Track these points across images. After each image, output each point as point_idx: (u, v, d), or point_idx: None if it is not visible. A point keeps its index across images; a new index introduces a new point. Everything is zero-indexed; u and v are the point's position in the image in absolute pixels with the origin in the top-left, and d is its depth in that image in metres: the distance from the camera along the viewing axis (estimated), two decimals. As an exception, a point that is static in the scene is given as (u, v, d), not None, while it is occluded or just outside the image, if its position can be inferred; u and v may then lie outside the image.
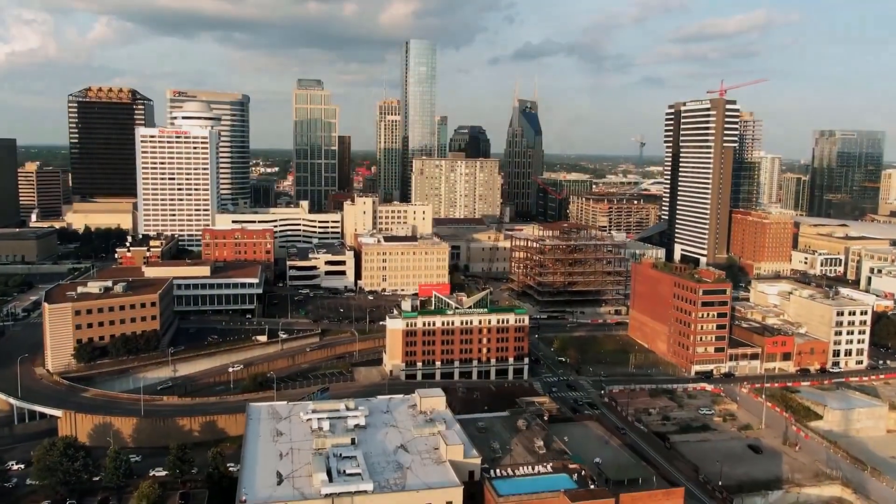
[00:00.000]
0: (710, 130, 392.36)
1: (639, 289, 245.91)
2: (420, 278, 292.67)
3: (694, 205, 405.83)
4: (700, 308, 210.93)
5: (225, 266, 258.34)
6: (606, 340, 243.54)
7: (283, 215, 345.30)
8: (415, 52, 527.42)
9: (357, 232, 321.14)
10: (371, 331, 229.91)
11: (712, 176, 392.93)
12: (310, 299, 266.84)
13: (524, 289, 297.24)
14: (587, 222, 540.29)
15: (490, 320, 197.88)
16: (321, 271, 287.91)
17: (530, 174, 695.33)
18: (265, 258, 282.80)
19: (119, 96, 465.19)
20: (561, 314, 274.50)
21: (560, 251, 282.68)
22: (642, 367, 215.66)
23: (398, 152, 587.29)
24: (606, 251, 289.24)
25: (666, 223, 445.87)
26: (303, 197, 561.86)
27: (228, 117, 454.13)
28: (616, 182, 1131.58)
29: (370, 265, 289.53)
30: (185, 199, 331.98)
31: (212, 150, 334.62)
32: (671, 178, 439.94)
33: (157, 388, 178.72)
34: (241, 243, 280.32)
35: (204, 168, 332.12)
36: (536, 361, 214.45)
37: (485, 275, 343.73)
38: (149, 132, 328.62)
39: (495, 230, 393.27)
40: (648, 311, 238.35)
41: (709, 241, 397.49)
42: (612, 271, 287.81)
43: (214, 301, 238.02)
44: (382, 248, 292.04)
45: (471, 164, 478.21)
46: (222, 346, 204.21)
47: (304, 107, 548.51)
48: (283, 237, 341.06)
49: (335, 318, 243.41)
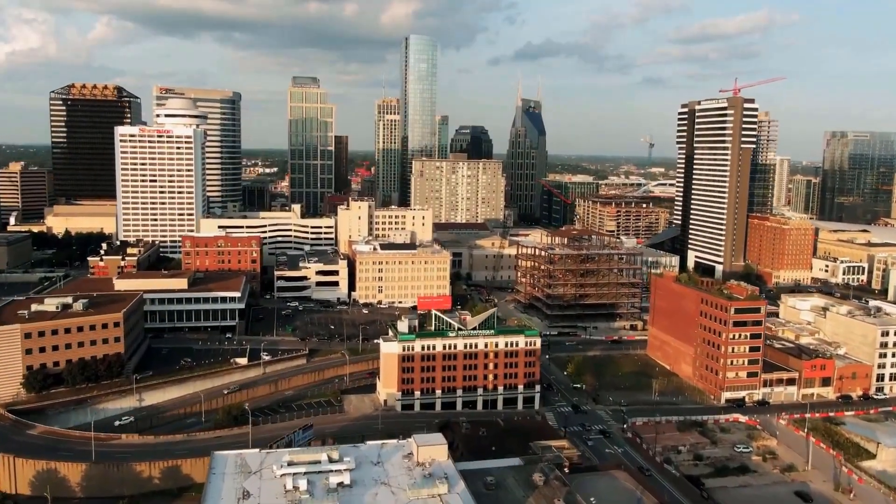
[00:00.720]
0: (726, 131, 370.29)
1: (659, 304, 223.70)
2: (419, 290, 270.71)
3: (709, 209, 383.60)
4: (731, 328, 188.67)
5: (205, 277, 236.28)
6: (624, 361, 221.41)
7: (274, 220, 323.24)
8: (415, 47, 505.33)
9: (351, 239, 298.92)
10: (364, 350, 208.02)
11: (729, 179, 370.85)
12: (298, 314, 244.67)
13: (531, 301, 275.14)
14: (594, 227, 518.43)
15: (497, 343, 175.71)
16: (312, 282, 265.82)
17: (534, 176, 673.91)
18: (251, 268, 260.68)
19: (104, 93, 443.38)
20: (572, 329, 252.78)
21: (570, 261, 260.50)
22: (666, 394, 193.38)
23: (397, 153, 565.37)
24: (621, 261, 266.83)
25: (678, 229, 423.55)
26: (298, 199, 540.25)
27: (218, 116, 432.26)
28: (618, 183, 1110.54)
29: (365, 275, 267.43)
30: (167, 202, 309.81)
31: (197, 150, 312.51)
32: (684, 180, 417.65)
33: (116, 424, 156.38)
34: (225, 252, 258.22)
35: (188, 169, 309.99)
36: (548, 387, 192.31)
37: (488, 284, 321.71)
38: (128, 131, 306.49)
39: (500, 236, 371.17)
40: (671, 330, 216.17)
41: (725, 247, 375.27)
42: (627, 283, 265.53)
43: (192, 317, 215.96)
44: (378, 257, 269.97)
45: (473, 166, 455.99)
46: (196, 370, 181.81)
47: (299, 105, 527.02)
48: (273, 244, 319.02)
49: (325, 336, 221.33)
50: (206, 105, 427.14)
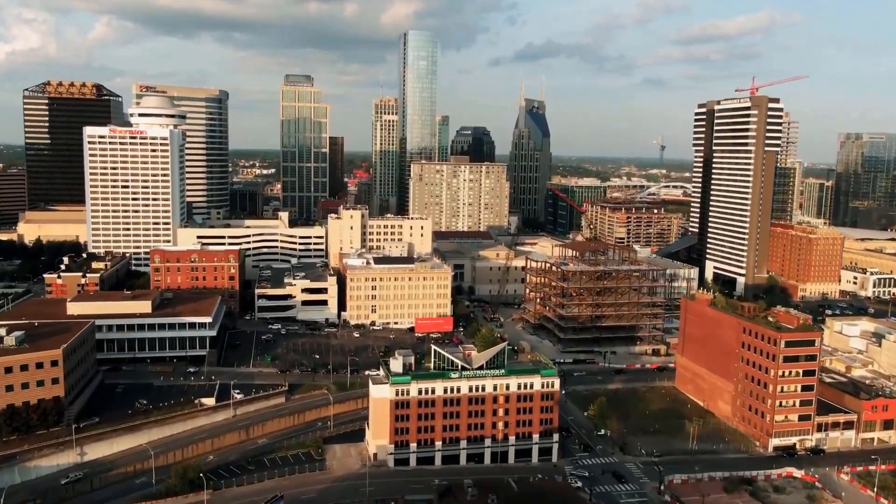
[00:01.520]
0: (749, 133, 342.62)
1: (691, 331, 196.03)
2: (417, 309, 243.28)
3: (730, 217, 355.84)
4: (781, 364, 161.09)
5: (174, 298, 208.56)
6: (651, 396, 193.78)
7: (258, 230, 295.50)
8: (414, 44, 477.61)
9: (343, 251, 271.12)
10: (353, 385, 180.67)
11: (752, 184, 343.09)
12: (280, 339, 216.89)
13: (541, 321, 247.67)
14: (603, 233, 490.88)
15: (508, 385, 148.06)
16: (297, 301, 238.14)
17: (538, 179, 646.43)
18: (229, 285, 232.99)
19: (83, 91, 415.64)
20: (588, 355, 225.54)
21: (586, 278, 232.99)
22: (704, 440, 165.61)
23: (395, 155, 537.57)
24: (642, 278, 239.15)
25: (695, 237, 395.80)
26: (290, 204, 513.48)
27: (204, 115, 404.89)
28: (621, 185, 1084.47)
29: (357, 293, 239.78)
30: (141, 210, 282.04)
31: (173, 152, 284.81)
32: (702, 185, 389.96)
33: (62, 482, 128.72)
34: (200, 267, 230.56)
35: (164, 174, 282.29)
36: (566, 432, 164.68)
37: (493, 299, 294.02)
38: (97, 132, 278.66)
39: (505, 246, 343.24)
40: (704, 361, 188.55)
41: (748, 258, 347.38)
42: (649, 302, 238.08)
43: (156, 346, 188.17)
44: (371, 273, 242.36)
45: (475, 170, 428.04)
46: (152, 415, 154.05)
47: (291, 105, 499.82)
48: (258, 256, 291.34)
49: (308, 368, 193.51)
50: (190, 104, 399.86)
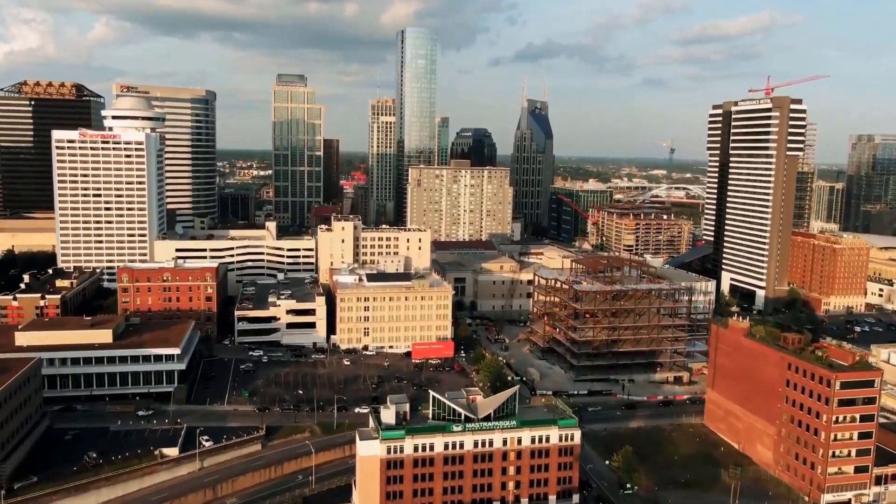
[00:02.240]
0: (770, 135, 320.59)
1: (723, 363, 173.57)
2: (414, 332, 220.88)
3: (749, 225, 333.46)
4: (836, 409, 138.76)
5: (141, 325, 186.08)
6: (678, 436, 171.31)
7: (243, 242, 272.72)
8: (412, 42, 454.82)
9: (333, 266, 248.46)
10: (340, 426, 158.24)
11: (773, 190, 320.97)
12: (261, 368, 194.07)
13: (551, 344, 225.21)
14: (610, 240, 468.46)
15: (521, 439, 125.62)
16: (282, 324, 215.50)
17: (541, 182, 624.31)
18: (205, 307, 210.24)
19: (61, 92, 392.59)
20: (604, 384, 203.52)
21: (601, 298, 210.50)
22: (744, 494, 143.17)
23: (393, 158, 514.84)
24: (662, 298, 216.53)
25: (710, 246, 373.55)
26: (282, 209, 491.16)
27: (189, 117, 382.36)
28: (622, 187, 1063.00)
29: (347, 315, 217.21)
30: (114, 221, 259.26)
31: (150, 157, 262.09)
32: (717, 191, 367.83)
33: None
34: (173, 287, 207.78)
35: (139, 181, 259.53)
36: (586, 486, 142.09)
37: (498, 316, 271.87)
38: (66, 135, 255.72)
39: (509, 257, 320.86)
40: (740, 398, 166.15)
41: (768, 269, 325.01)
42: (671, 325, 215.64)
43: (117, 381, 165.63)
44: (364, 292, 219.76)
45: (477, 174, 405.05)
46: (103, 471, 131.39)
47: (283, 106, 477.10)
48: (242, 270, 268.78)
49: (291, 405, 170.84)
50: (174, 105, 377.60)
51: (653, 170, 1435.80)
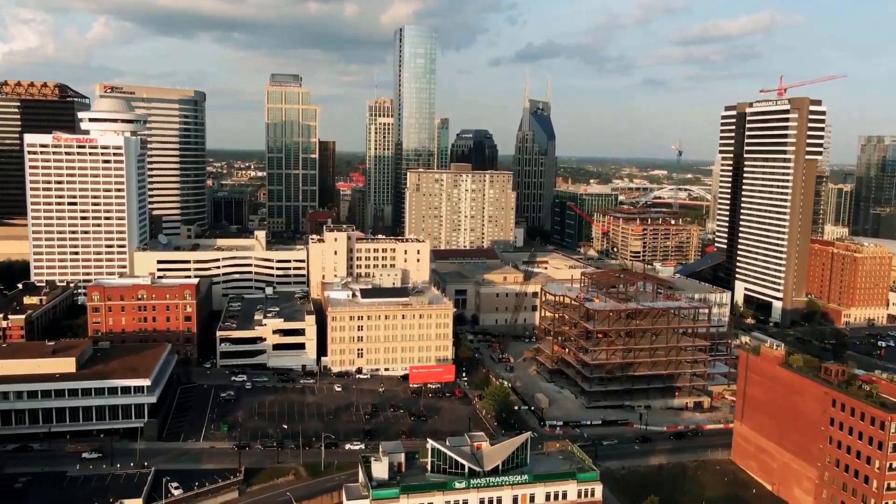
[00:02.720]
0: (788, 139, 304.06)
1: (754, 394, 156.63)
2: (412, 353, 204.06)
3: (765, 232, 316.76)
4: (890, 455, 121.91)
5: (110, 350, 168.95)
6: (705, 476, 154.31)
7: (230, 253, 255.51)
8: (410, 40, 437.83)
9: (325, 280, 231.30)
10: (329, 468, 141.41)
11: (791, 196, 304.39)
12: (244, 396, 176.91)
13: (560, 366, 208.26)
14: (616, 246, 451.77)
15: (534, 496, 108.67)
16: (268, 345, 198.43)
17: (543, 185, 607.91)
18: (184, 327, 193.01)
19: (43, 92, 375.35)
20: (619, 411, 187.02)
21: (615, 316, 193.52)
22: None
23: (391, 160, 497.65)
24: (682, 316, 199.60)
25: (723, 254, 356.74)
26: (276, 214, 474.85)
27: (177, 119, 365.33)
28: (623, 187, 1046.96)
29: (339, 335, 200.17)
30: (91, 231, 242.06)
31: (130, 163, 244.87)
32: (731, 196, 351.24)
33: None
34: (149, 305, 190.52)
35: (118, 188, 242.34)
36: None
37: (502, 331, 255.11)
38: (38, 139, 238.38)
39: (513, 266, 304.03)
40: (774, 434, 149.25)
41: (786, 279, 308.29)
42: (691, 346, 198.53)
43: (79, 416, 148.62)
44: (357, 310, 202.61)
45: (478, 179, 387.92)
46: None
47: (277, 107, 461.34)
48: (229, 284, 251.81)
49: (275, 439, 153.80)
50: (161, 106, 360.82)
51: (653, 170, 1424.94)
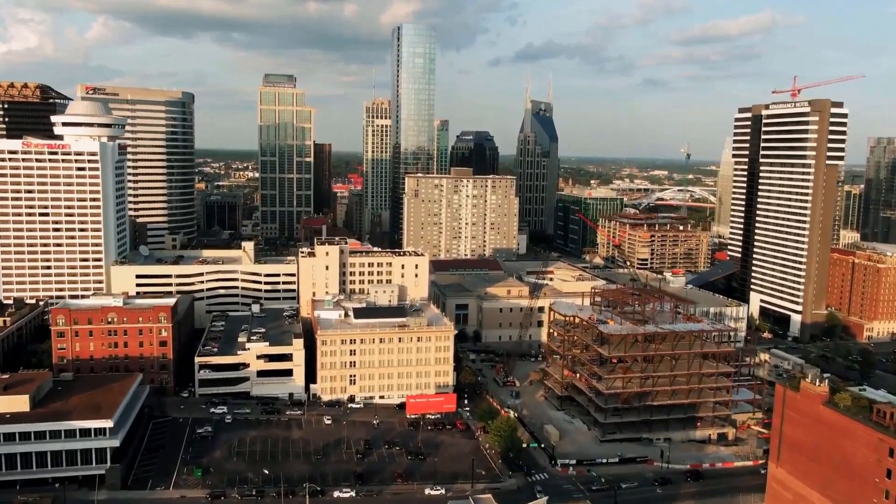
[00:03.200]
0: (808, 143, 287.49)
1: (793, 435, 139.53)
2: (409, 378, 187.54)
3: (783, 242, 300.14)
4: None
5: (73, 382, 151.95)
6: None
7: (216, 266, 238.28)
8: (409, 39, 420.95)
9: (316, 298, 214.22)
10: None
11: (811, 204, 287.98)
12: (223, 432, 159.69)
13: (570, 392, 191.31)
14: (627, 257, 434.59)
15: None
16: (252, 371, 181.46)
17: (545, 188, 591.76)
18: (159, 353, 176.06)
19: (24, 94, 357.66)
20: (637, 444, 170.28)
21: (631, 340, 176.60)
22: None
23: (388, 164, 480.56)
24: (705, 340, 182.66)
25: (737, 263, 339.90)
26: (269, 220, 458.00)
27: (163, 121, 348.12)
28: (625, 188, 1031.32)
29: (330, 360, 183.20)
30: (64, 244, 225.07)
31: (106, 170, 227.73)
32: (745, 203, 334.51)
33: None
34: (120, 330, 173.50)
35: (93, 198, 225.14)
36: None
37: (506, 349, 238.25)
38: (6, 146, 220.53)
39: (516, 278, 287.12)
40: (817, 483, 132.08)
41: (805, 291, 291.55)
42: (714, 372, 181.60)
43: (33, 462, 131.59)
44: (350, 333, 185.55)
45: (480, 183, 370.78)
46: None
47: (270, 108, 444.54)
48: (214, 300, 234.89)
49: (254, 486, 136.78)
50: (146, 108, 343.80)
51: (653, 170, 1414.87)
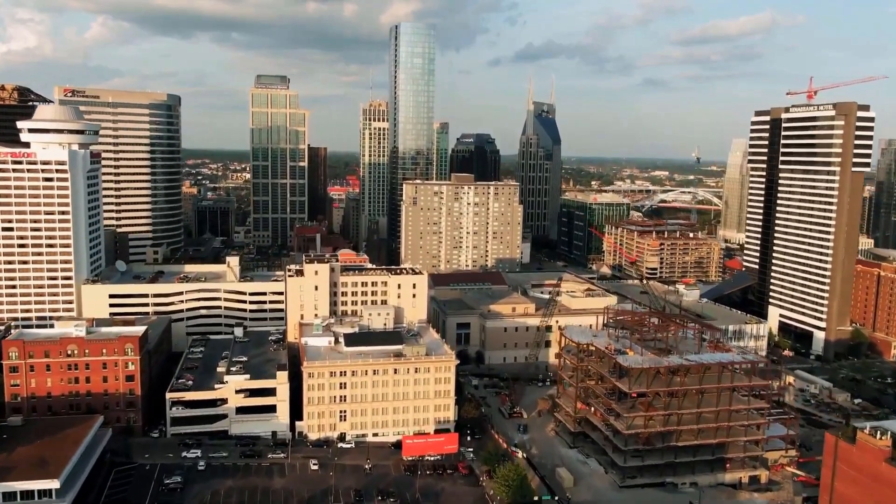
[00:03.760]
0: (833, 148, 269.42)
1: (848, 493, 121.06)
2: (406, 414, 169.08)
3: (805, 253, 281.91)
4: None
5: (22, 427, 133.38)
6: None
7: (197, 284, 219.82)
8: (407, 39, 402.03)
9: (304, 321, 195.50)
10: None
11: (836, 213, 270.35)
12: (193, 481, 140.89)
13: (583, 427, 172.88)
14: (640, 270, 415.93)
15: None
16: (230, 407, 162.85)
17: (548, 192, 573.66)
18: (125, 389, 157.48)
19: (1, 96, 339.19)
20: (661, 490, 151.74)
21: (654, 374, 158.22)
22: None
23: (386, 168, 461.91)
24: (737, 372, 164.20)
25: (754, 275, 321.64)
26: (262, 227, 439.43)
27: (147, 125, 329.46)
28: (626, 189, 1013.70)
29: (318, 394, 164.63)
30: (30, 262, 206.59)
31: (76, 180, 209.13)
32: (763, 211, 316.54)
33: None
34: (80, 364, 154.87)
35: (62, 210, 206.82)
36: None
37: (512, 371, 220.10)
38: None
39: (521, 293, 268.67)
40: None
41: (829, 306, 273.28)
42: (746, 409, 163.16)
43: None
44: (340, 363, 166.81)
45: (482, 191, 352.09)
46: None
47: (262, 111, 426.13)
48: (195, 320, 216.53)
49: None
50: (129, 112, 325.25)
51: (654, 170, 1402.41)
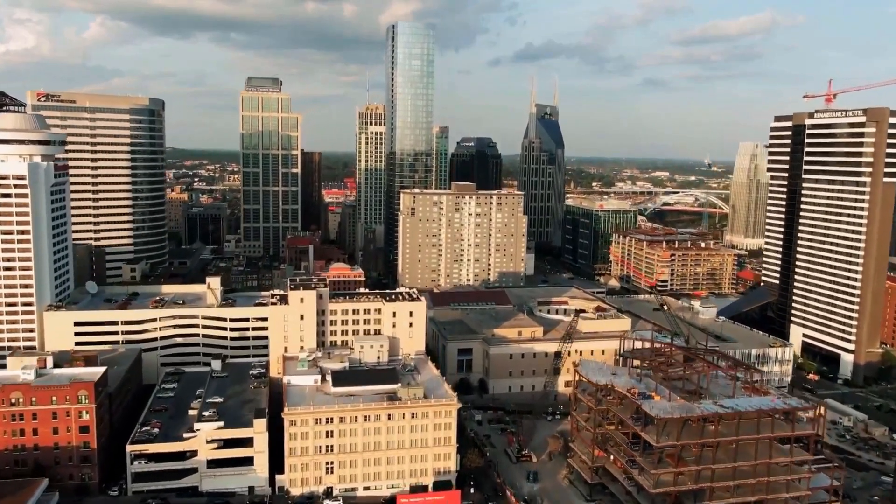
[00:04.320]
0: (864, 157, 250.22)
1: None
2: (402, 465, 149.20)
3: (832, 268, 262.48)
4: None
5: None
6: None
7: (173, 309, 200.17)
8: (405, 39, 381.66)
9: (288, 354, 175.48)
10: None
11: (867, 226, 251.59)
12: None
13: (602, 478, 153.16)
14: (639, 272, 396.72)
15: None
16: (201, 460, 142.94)
17: (551, 196, 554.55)
18: (79, 442, 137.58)
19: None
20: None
21: (684, 425, 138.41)
22: None
23: (382, 174, 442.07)
24: (778, 423, 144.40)
25: (774, 291, 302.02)
26: (252, 237, 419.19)
27: (128, 132, 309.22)
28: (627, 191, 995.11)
29: (301, 444, 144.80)
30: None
31: (38, 196, 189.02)
32: (784, 223, 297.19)
33: None
34: (28, 414, 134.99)
35: (21, 230, 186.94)
36: None
37: (520, 402, 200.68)
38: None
39: (526, 314, 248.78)
40: None
41: (859, 326, 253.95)
42: (788, 462, 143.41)
43: None
44: (326, 409, 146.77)
45: (484, 200, 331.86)
46: None
47: (253, 115, 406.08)
48: (170, 350, 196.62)
49: None
50: (108, 117, 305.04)
51: (654, 171, 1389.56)
